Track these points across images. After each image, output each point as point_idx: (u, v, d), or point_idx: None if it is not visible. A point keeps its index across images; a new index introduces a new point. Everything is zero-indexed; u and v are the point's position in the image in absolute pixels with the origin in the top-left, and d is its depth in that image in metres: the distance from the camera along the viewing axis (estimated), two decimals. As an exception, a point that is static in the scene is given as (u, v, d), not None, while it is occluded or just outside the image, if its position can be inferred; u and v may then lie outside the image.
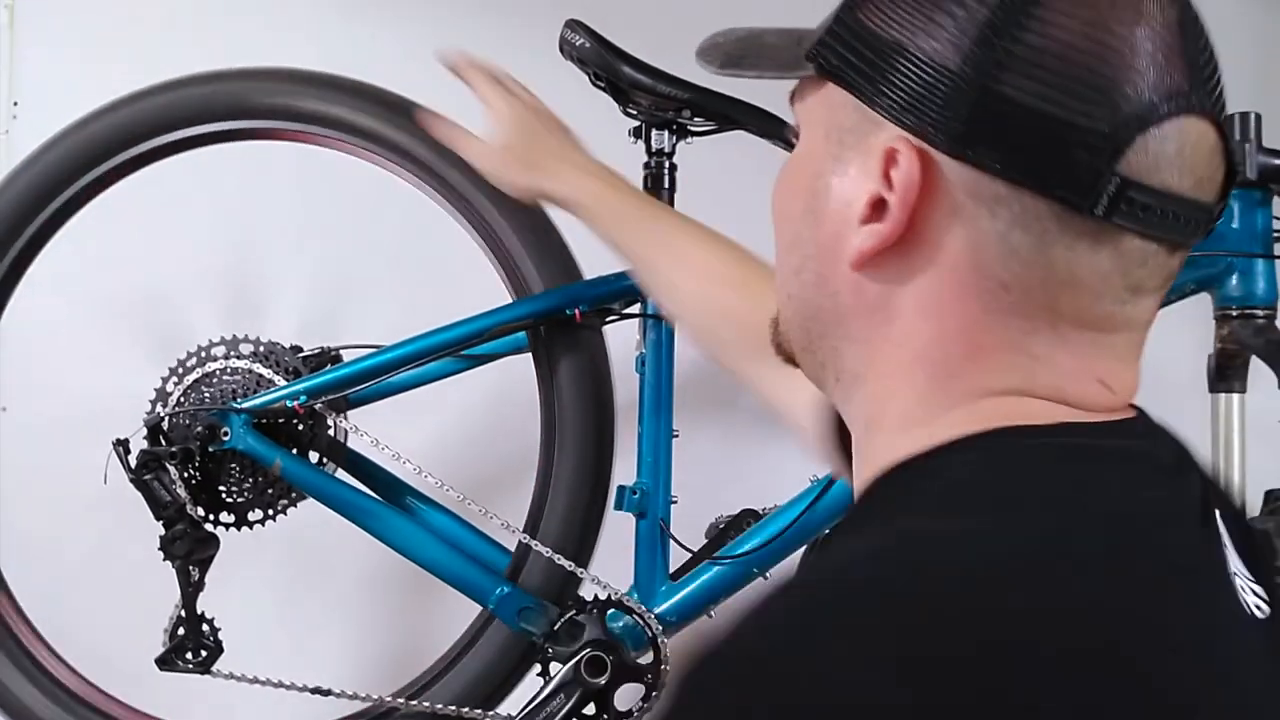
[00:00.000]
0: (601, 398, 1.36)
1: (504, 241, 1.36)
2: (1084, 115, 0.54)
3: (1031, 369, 0.59)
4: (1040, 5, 0.54)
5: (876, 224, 0.59)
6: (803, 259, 0.65)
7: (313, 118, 1.39)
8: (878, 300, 0.61)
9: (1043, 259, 0.57)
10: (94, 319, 1.60)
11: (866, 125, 0.60)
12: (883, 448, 0.61)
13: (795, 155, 0.67)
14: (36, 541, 1.51)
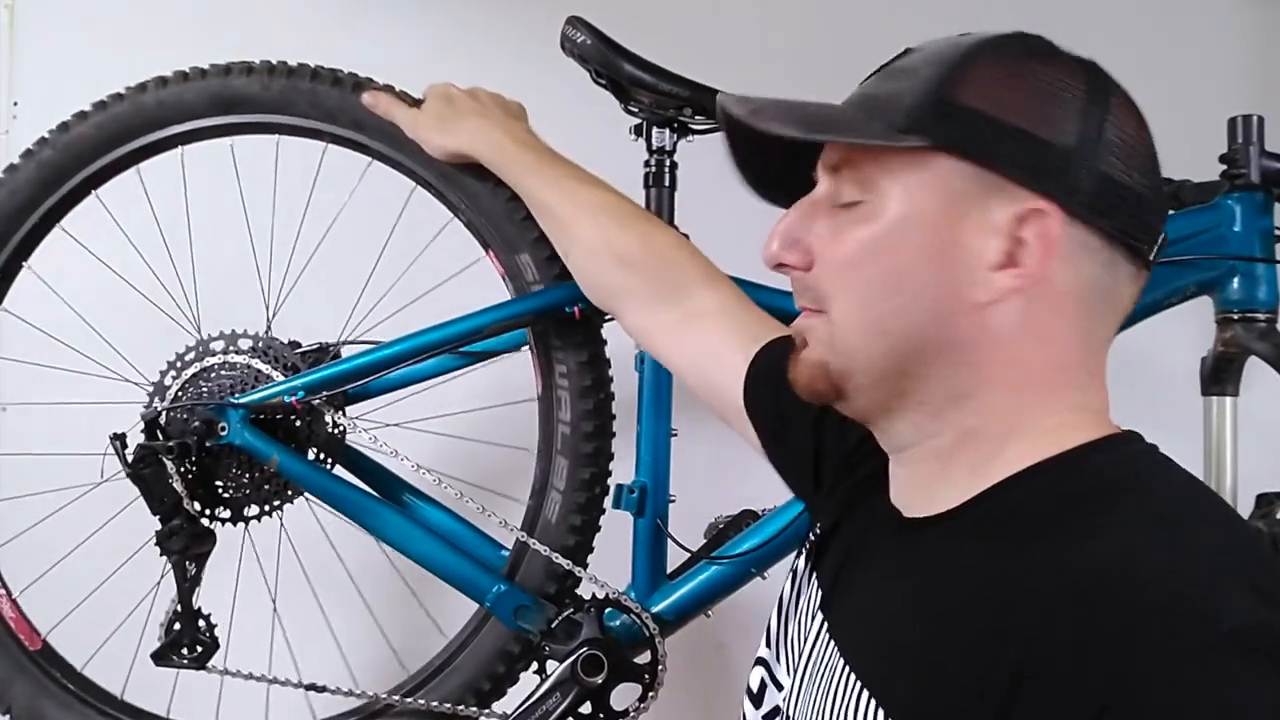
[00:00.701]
0: (600, 396, 1.35)
1: (503, 239, 1.36)
2: (1153, 189, 0.75)
3: (1095, 384, 0.77)
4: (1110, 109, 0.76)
5: (1012, 269, 0.73)
6: (913, 299, 0.75)
7: (312, 116, 1.39)
8: (997, 329, 0.74)
9: (1115, 295, 0.76)
10: (91, 314, 1.60)
11: (988, 190, 0.74)
12: (989, 453, 0.76)
13: (894, 214, 0.76)
14: (36, 541, 1.51)
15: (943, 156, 0.75)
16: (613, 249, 1.19)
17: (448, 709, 1.34)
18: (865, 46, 2.08)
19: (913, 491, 0.81)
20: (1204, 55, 2.01)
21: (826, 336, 0.79)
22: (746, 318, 1.13)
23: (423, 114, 1.33)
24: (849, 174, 0.79)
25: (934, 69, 0.78)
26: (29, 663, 1.42)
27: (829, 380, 0.80)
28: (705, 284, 1.16)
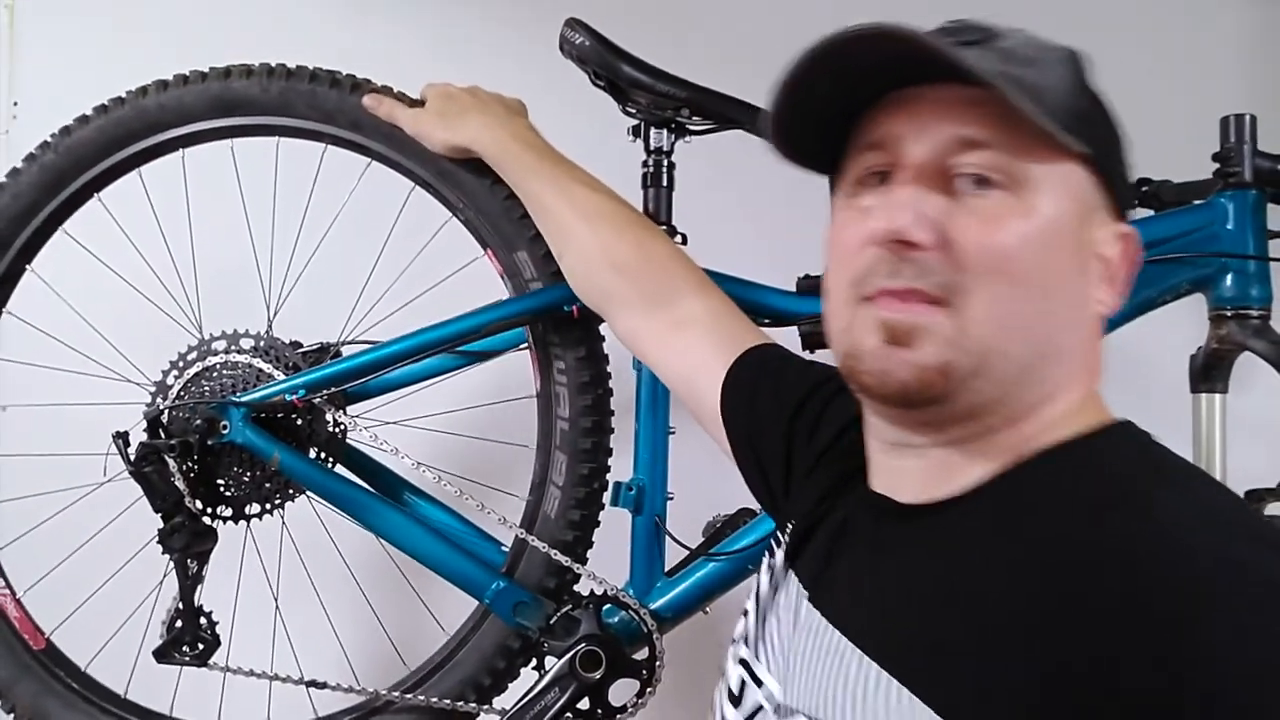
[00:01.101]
0: (598, 391, 1.36)
1: (502, 237, 1.37)
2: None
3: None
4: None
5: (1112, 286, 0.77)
6: (1057, 305, 0.75)
7: (311, 117, 1.40)
8: (1092, 339, 0.78)
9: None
10: (94, 315, 1.60)
11: (1099, 206, 0.77)
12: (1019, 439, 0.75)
13: (1050, 214, 0.74)
14: (40, 541, 1.52)
15: (1077, 164, 0.75)
16: (607, 254, 1.19)
17: (448, 705, 1.35)
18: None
19: (918, 478, 0.79)
20: (1200, 55, 2.02)
21: (952, 333, 0.72)
22: (735, 327, 1.13)
23: (425, 111, 1.34)
24: (993, 158, 0.73)
25: (1063, 69, 0.77)
26: (33, 662, 1.43)
27: (946, 382, 0.73)
28: (696, 292, 1.16)
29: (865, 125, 0.80)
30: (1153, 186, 1.40)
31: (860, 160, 0.80)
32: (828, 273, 0.83)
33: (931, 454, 0.78)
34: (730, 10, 2.05)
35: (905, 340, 0.74)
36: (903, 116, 0.77)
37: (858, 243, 0.77)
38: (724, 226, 1.65)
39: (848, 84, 0.78)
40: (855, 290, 0.77)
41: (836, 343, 0.81)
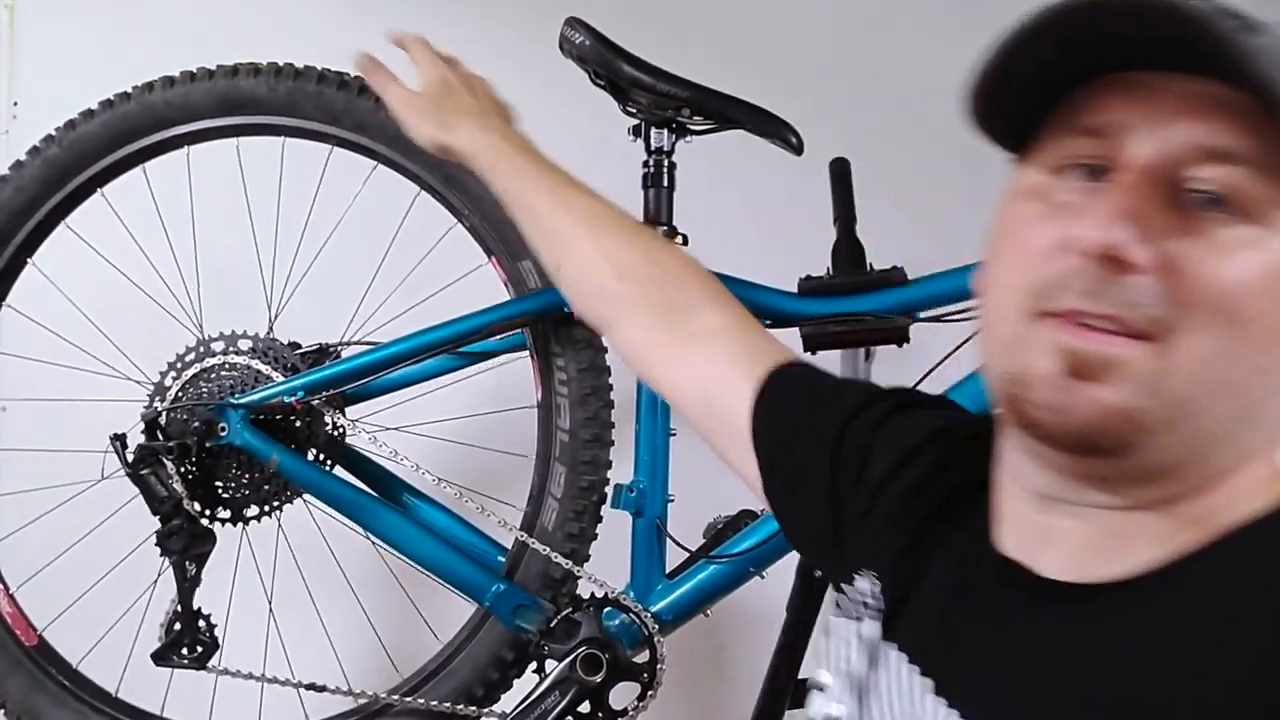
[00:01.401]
0: (599, 404, 1.36)
1: (506, 245, 1.36)
2: None
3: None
4: None
5: None
6: (1278, 364, 0.61)
7: (318, 118, 1.40)
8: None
9: None
10: (95, 311, 1.60)
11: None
12: (1207, 509, 0.62)
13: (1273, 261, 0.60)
14: (34, 537, 1.51)
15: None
16: (612, 262, 1.06)
17: (447, 708, 1.34)
18: (865, 46, 2.11)
19: (1076, 545, 0.65)
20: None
21: (1152, 375, 0.59)
22: (758, 340, 1.00)
23: (418, 98, 1.20)
24: (1241, 176, 0.59)
25: None
26: (25, 658, 1.43)
27: (1133, 431, 0.60)
28: (713, 303, 1.02)
29: (1080, 104, 0.64)
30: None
31: (1066, 144, 0.65)
32: (992, 265, 0.68)
33: (1096, 517, 0.64)
34: (730, 10, 2.05)
35: (1093, 374, 0.60)
36: (1134, 104, 0.62)
37: (1049, 244, 0.62)
38: (724, 226, 1.65)
39: (1077, 53, 0.63)
40: (1035, 301, 0.63)
41: (997, 357, 0.66)
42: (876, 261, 1.43)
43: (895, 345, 1.36)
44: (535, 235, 1.15)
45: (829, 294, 1.37)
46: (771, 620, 1.54)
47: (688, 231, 1.40)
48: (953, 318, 1.34)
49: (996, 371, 0.66)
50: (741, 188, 1.89)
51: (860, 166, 1.61)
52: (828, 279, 1.40)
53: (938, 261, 1.36)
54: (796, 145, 1.36)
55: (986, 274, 0.68)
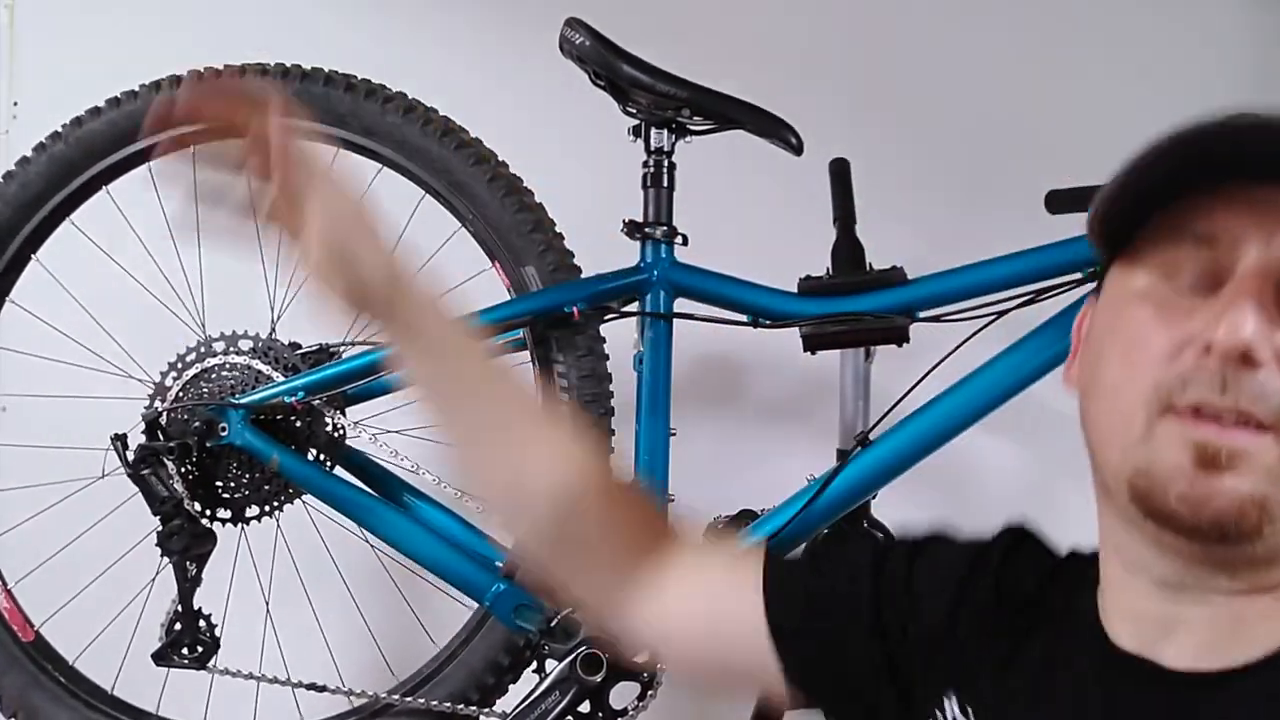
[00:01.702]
0: (599, 396, 1.36)
1: (510, 251, 1.36)
2: None
3: None
4: None
5: None
6: None
7: (324, 120, 1.40)
8: None
9: None
10: (94, 314, 1.61)
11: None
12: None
13: None
14: (33, 533, 1.52)
15: None
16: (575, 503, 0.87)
17: (447, 708, 1.34)
18: (864, 46, 2.10)
19: (1201, 632, 0.68)
20: (1204, 55, 2.01)
21: (1274, 463, 0.64)
22: (723, 545, 0.97)
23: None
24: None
25: None
26: (21, 654, 1.43)
27: (1261, 515, 0.64)
28: (677, 536, 0.93)
29: (1189, 212, 0.69)
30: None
31: (1178, 252, 0.69)
32: (1107, 367, 0.71)
33: (1220, 603, 0.68)
34: (730, 10, 2.05)
35: (1223, 466, 0.64)
36: (1243, 214, 0.66)
37: (1170, 344, 0.67)
38: (724, 226, 1.65)
39: (1192, 168, 0.68)
40: (1161, 398, 0.66)
41: (1121, 454, 0.69)
42: (876, 261, 1.43)
43: (895, 345, 1.36)
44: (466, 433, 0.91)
45: (828, 294, 1.37)
46: (771, 620, 1.54)
47: (688, 231, 1.40)
48: (953, 318, 1.34)
49: (1122, 468, 0.68)
50: (741, 188, 1.89)
51: (860, 166, 1.61)
52: (827, 279, 1.40)
53: (938, 261, 1.37)
54: (796, 145, 1.36)
55: (1097, 375, 0.72)
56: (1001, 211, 1.91)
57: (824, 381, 1.68)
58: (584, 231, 1.42)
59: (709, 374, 1.94)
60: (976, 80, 2.01)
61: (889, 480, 1.34)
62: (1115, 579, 0.73)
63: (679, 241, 1.39)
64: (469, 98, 1.50)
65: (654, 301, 1.37)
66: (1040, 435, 1.78)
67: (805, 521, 1.32)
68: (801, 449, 1.90)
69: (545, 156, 1.51)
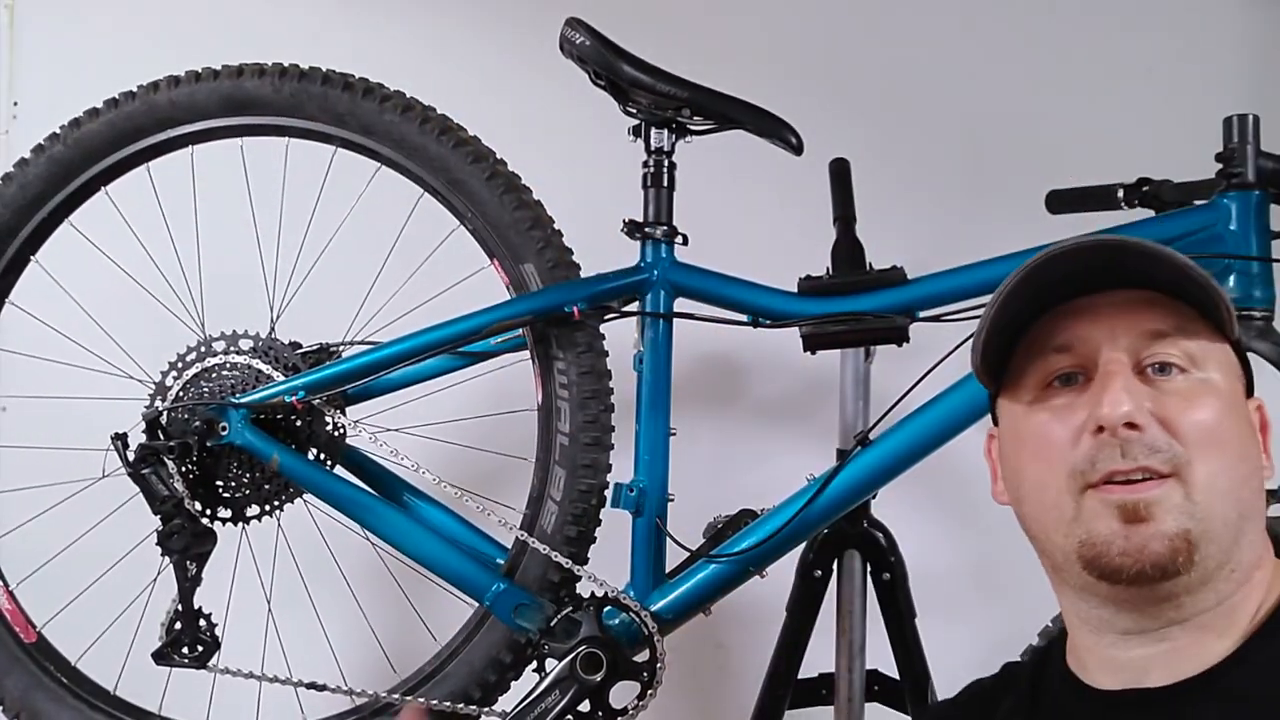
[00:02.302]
0: (599, 396, 1.36)
1: (509, 248, 1.36)
2: None
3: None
4: None
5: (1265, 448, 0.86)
6: (1250, 469, 0.83)
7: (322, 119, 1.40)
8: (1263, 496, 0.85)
9: None
10: (94, 315, 1.61)
11: (1242, 384, 0.87)
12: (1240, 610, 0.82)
13: (1225, 389, 0.84)
14: (38, 542, 1.52)
15: (1227, 344, 0.86)
16: None
17: (447, 707, 1.34)
18: (864, 46, 2.10)
19: (1164, 663, 0.82)
20: (1204, 55, 2.01)
21: (1182, 502, 0.79)
22: None
23: None
24: (1174, 345, 0.83)
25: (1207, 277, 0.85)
26: (23, 655, 1.43)
27: (1189, 547, 0.79)
28: None
29: (1043, 333, 0.87)
30: (1153, 186, 1.39)
31: (1045, 363, 0.87)
32: (1027, 473, 0.87)
33: (1176, 635, 0.82)
34: (731, 10, 2.05)
35: (1145, 516, 0.79)
36: (1086, 321, 0.85)
37: (1069, 436, 0.83)
38: (724, 226, 1.65)
39: (1037, 297, 0.87)
40: (1079, 480, 0.82)
41: (1064, 535, 0.84)
42: (876, 261, 1.43)
43: (895, 345, 1.36)
44: None
45: (829, 294, 1.37)
46: (771, 620, 1.54)
47: (688, 231, 1.40)
48: (952, 317, 1.34)
49: (1065, 547, 0.83)
50: (741, 188, 1.89)
51: (860, 166, 1.62)
52: (827, 279, 1.40)
53: (938, 261, 1.37)
54: (796, 145, 1.36)
55: (1021, 481, 0.88)
56: (1001, 211, 1.92)
57: (824, 381, 1.68)
58: (584, 231, 1.42)
59: (709, 374, 1.95)
60: (976, 80, 2.01)
61: (889, 480, 1.34)
62: (1085, 643, 0.87)
63: (679, 241, 1.39)
64: (469, 98, 1.50)
65: (654, 301, 1.37)
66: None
67: (805, 521, 1.32)
68: (801, 449, 1.91)
69: (545, 157, 1.51)
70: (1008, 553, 1.91)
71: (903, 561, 1.53)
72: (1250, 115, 1.29)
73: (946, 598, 1.84)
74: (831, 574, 1.54)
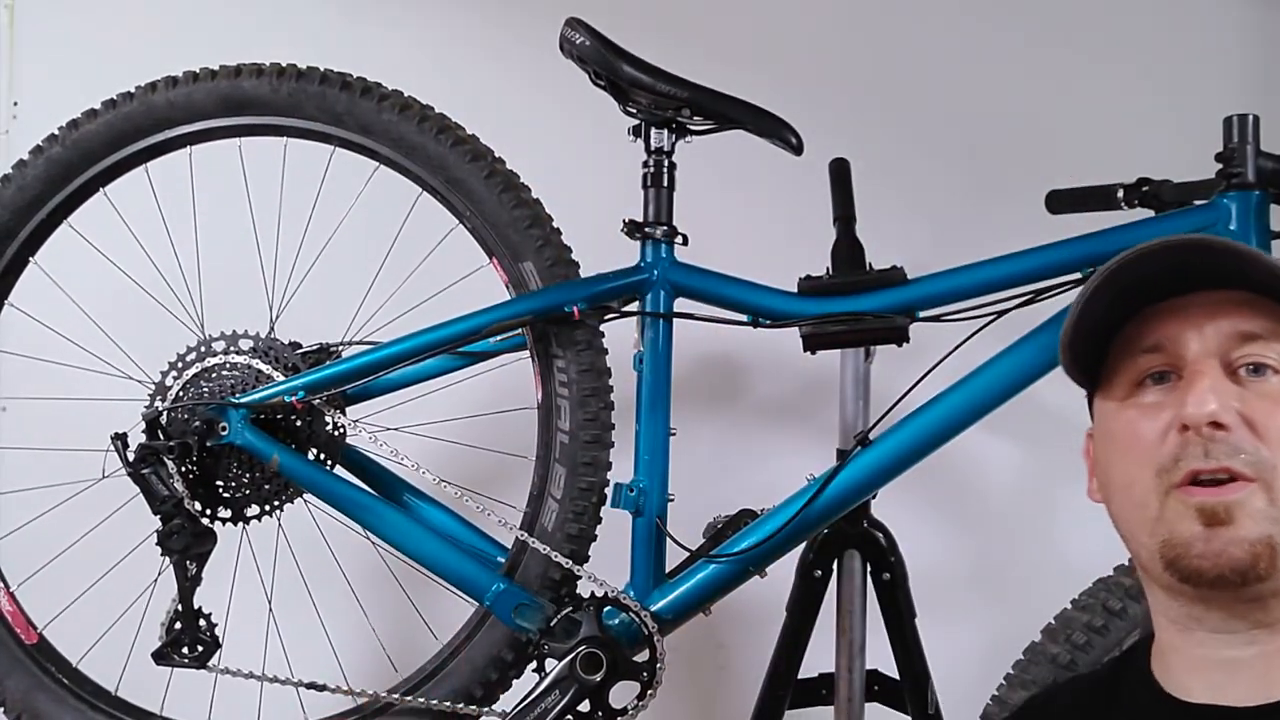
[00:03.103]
0: (599, 397, 1.36)
1: (508, 246, 1.36)
2: None
3: None
4: None
5: None
6: None
7: (321, 119, 1.40)
8: None
9: None
10: (93, 316, 1.61)
11: None
12: None
13: None
14: (37, 539, 1.52)
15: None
16: None
17: (447, 707, 1.34)
18: (865, 46, 2.10)
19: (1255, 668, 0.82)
20: (1204, 55, 2.02)
21: (1265, 507, 0.79)
22: None
23: None
24: (1268, 347, 0.83)
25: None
26: (24, 656, 1.43)
27: (1272, 553, 0.79)
28: None
29: (1134, 333, 0.88)
30: (1153, 186, 1.39)
31: (1136, 363, 0.87)
32: (1116, 470, 0.88)
33: (1264, 639, 0.82)
34: (730, 10, 2.05)
35: (1226, 519, 0.79)
36: (1176, 320, 0.85)
37: (1157, 434, 0.83)
38: (724, 226, 1.65)
39: (1126, 298, 0.87)
40: (1163, 479, 0.82)
41: (1149, 534, 0.84)
42: (876, 261, 1.43)
43: (895, 345, 1.36)
44: None
45: (829, 294, 1.37)
46: (771, 620, 1.54)
47: (688, 231, 1.40)
48: (952, 317, 1.34)
49: (1150, 546, 0.84)
50: (741, 188, 1.89)
51: (860, 166, 1.62)
52: (827, 279, 1.40)
53: (938, 261, 1.37)
54: (796, 145, 1.36)
55: (1110, 480, 0.88)
56: (1001, 211, 1.92)
57: (824, 381, 1.69)
58: (584, 231, 1.42)
59: (709, 374, 1.95)
60: (977, 81, 2.02)
61: (889, 480, 1.34)
62: (1172, 642, 0.87)
63: (679, 241, 1.39)
64: (468, 98, 1.50)
65: (654, 301, 1.37)
66: (1040, 435, 1.79)
67: (805, 521, 1.32)
68: (801, 449, 1.91)
69: (545, 157, 1.51)
70: (1008, 553, 1.93)
71: (903, 561, 1.53)
72: (1250, 115, 1.29)
73: (946, 598, 1.84)
74: (831, 574, 1.54)
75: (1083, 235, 1.31)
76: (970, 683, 1.56)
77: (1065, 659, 1.46)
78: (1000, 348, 1.30)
